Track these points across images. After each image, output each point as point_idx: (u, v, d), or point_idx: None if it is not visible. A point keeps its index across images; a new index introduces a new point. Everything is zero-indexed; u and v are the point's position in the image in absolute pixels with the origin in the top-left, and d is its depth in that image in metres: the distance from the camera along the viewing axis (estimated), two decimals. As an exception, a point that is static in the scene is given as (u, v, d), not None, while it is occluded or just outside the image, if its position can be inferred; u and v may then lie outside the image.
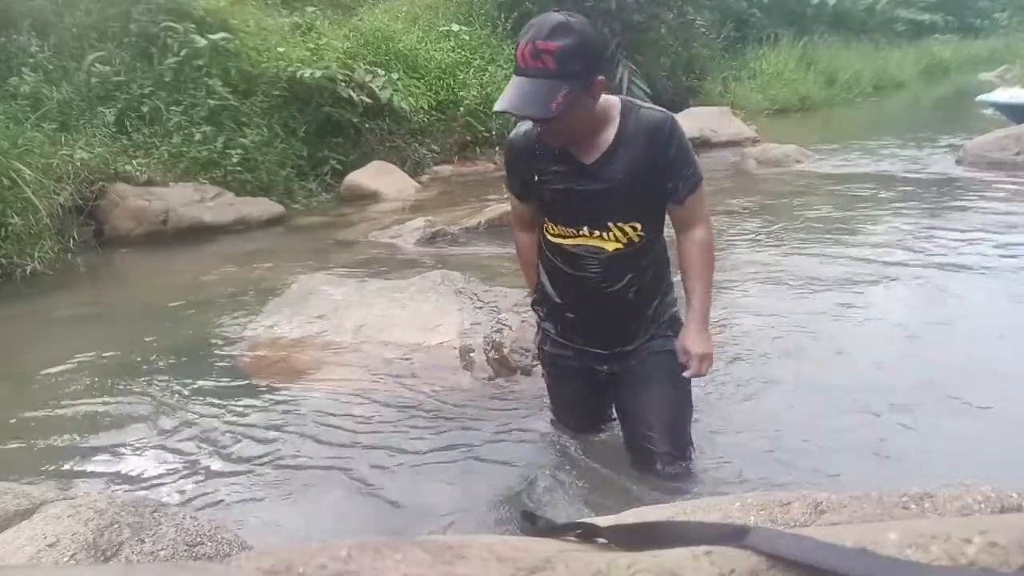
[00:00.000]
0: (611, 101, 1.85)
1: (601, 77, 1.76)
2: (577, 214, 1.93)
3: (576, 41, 1.66)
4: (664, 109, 1.91)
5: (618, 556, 0.61)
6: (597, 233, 1.92)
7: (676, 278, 2.08)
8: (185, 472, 2.36)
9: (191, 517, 1.33)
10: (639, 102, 1.90)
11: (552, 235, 2.00)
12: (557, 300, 2.08)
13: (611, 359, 2.07)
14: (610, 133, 1.84)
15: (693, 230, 1.95)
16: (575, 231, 1.94)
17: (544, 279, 2.12)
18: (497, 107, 1.74)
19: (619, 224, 1.90)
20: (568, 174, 1.89)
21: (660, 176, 1.86)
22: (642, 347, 2.04)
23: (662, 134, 1.82)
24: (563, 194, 1.92)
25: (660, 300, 2.05)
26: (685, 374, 1.99)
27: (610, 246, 1.92)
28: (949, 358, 3.01)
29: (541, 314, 2.18)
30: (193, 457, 2.45)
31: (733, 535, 0.59)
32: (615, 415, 2.24)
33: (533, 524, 0.98)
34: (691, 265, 1.96)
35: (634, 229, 1.91)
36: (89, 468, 2.41)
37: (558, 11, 1.71)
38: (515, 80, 1.71)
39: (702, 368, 1.97)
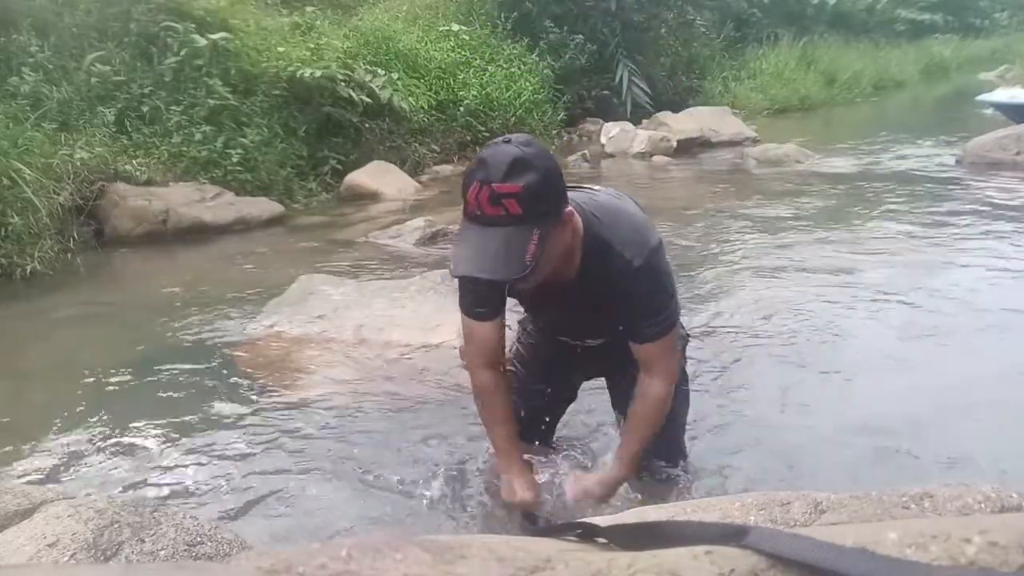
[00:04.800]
0: (576, 224, 1.56)
1: (569, 208, 1.51)
2: (555, 327, 1.87)
3: (539, 177, 1.40)
4: (638, 239, 1.60)
5: (618, 556, 0.61)
6: (577, 343, 1.87)
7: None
8: (185, 472, 2.36)
9: (191, 517, 1.33)
10: (605, 232, 1.60)
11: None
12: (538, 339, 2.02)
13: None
14: (573, 268, 1.62)
15: (650, 379, 1.70)
16: (554, 336, 1.89)
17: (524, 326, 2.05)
18: (457, 272, 1.46)
19: (591, 341, 1.85)
20: (539, 296, 1.73)
21: (626, 313, 1.66)
22: None
23: (623, 281, 1.59)
24: (537, 310, 1.86)
25: None
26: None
27: (593, 342, 1.87)
28: (948, 358, 3.01)
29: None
30: (193, 457, 2.45)
31: (733, 535, 0.59)
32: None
33: (533, 524, 0.98)
34: (632, 421, 1.74)
35: (611, 337, 1.79)
36: (89, 468, 2.41)
37: (508, 140, 1.44)
38: (472, 232, 1.43)
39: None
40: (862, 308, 3.62)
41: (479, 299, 1.71)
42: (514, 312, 1.90)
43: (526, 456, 1.86)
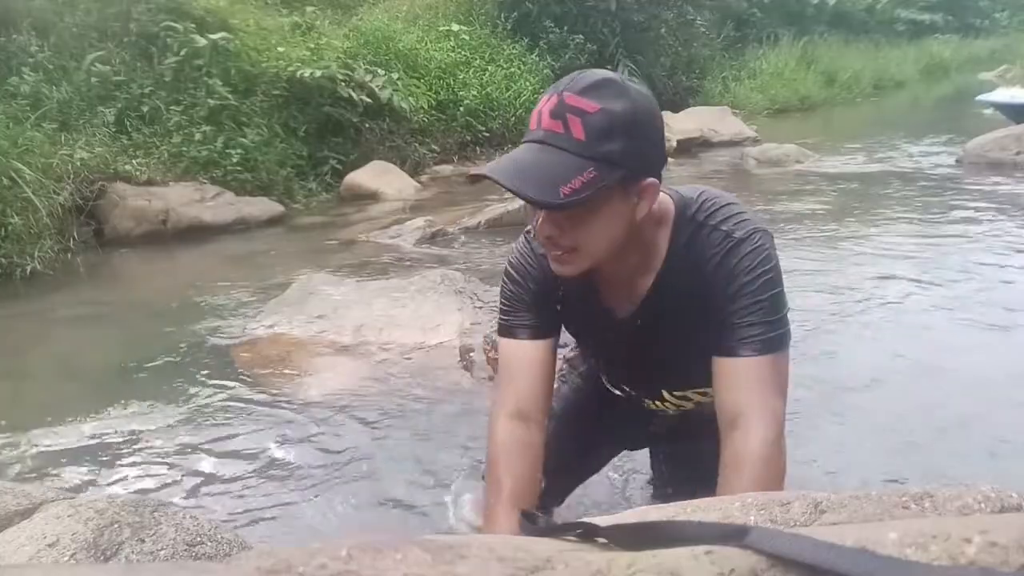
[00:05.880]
0: (664, 210, 1.17)
1: (653, 180, 1.08)
2: (618, 376, 1.41)
3: (629, 110, 1.02)
4: (746, 220, 1.17)
5: (618, 556, 0.61)
6: (648, 401, 1.40)
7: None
8: (185, 472, 2.36)
9: (191, 517, 1.32)
10: (704, 210, 1.17)
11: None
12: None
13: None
14: (652, 270, 1.19)
15: (745, 426, 1.10)
16: (620, 392, 1.43)
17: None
18: (478, 170, 1.13)
19: (677, 393, 1.35)
20: (596, 326, 1.29)
21: (719, 314, 1.15)
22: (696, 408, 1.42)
23: (716, 260, 1.14)
24: (595, 348, 1.41)
25: None
26: None
27: (670, 408, 1.40)
28: (948, 358, 3.01)
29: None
30: (193, 457, 2.46)
31: (733, 534, 0.59)
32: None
33: (533, 524, 0.98)
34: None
35: (703, 394, 1.32)
36: (89, 468, 2.41)
37: (612, 69, 1.11)
38: (518, 149, 1.09)
39: None
40: (861, 310, 3.61)
41: (521, 302, 1.25)
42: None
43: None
